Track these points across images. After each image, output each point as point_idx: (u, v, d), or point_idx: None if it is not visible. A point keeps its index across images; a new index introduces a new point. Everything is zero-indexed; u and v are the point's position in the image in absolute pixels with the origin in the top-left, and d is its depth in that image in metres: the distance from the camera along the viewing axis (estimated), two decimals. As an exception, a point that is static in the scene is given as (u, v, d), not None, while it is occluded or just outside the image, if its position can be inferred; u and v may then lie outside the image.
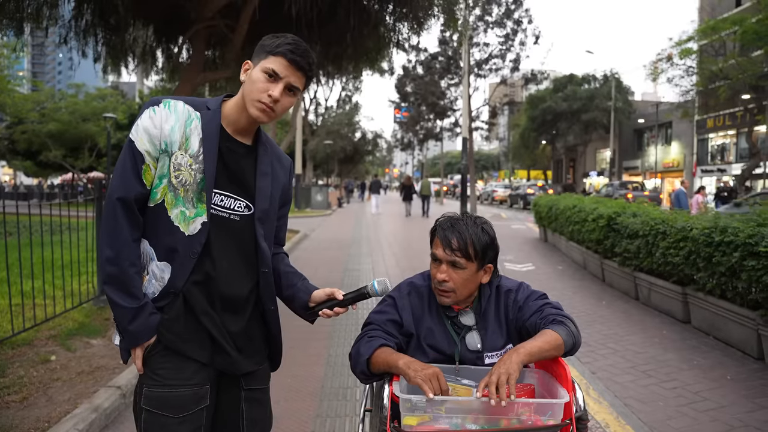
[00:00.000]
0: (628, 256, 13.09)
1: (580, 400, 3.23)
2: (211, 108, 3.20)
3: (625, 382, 7.85)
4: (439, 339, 3.59)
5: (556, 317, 3.48)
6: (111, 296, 3.06)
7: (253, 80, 3.12)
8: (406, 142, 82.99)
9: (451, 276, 3.55)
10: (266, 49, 3.13)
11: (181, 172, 3.08)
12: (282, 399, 7.05)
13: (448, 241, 3.55)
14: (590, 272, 16.31)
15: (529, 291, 3.72)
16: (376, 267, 17.27)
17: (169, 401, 3.10)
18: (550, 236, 23.03)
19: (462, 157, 36.80)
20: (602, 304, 12.67)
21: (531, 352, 3.20)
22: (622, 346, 9.50)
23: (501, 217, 41.94)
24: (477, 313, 3.66)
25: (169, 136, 3.07)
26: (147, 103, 3.17)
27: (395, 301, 3.70)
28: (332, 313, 3.38)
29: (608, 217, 14.49)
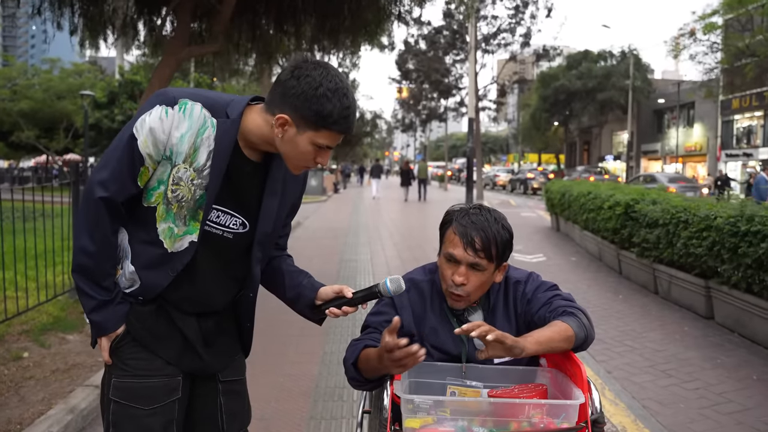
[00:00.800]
0: (646, 246, 13.09)
1: (596, 402, 3.22)
2: (231, 116, 3.04)
3: (644, 383, 7.85)
4: (444, 339, 3.55)
5: (566, 309, 3.46)
6: (79, 284, 3.07)
7: (299, 149, 2.97)
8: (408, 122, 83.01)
9: (469, 279, 3.47)
10: (314, 114, 2.88)
11: (180, 187, 3.01)
12: (273, 399, 7.06)
13: (470, 240, 3.44)
14: (606, 264, 16.33)
15: (538, 282, 3.69)
16: (375, 257, 17.28)
17: (138, 392, 3.10)
18: (563, 225, 23.05)
19: (468, 140, 36.79)
20: (619, 298, 12.67)
21: (539, 340, 3.20)
22: (640, 343, 9.51)
23: (510, 204, 41.98)
24: (485, 309, 3.63)
25: (176, 146, 2.97)
26: (158, 96, 3.04)
27: (393, 300, 3.66)
28: (340, 312, 3.33)
29: (625, 205, 14.49)
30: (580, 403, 3.03)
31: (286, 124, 2.92)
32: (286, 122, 2.92)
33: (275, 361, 8.30)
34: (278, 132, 2.94)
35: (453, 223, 3.53)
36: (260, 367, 7.82)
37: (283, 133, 2.94)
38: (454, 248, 3.47)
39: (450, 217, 3.57)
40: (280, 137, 2.95)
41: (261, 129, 3.02)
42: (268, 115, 2.98)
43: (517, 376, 3.40)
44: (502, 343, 3.04)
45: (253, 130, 3.03)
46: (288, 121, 2.91)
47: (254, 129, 3.03)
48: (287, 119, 2.91)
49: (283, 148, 2.99)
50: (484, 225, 3.46)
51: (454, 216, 3.56)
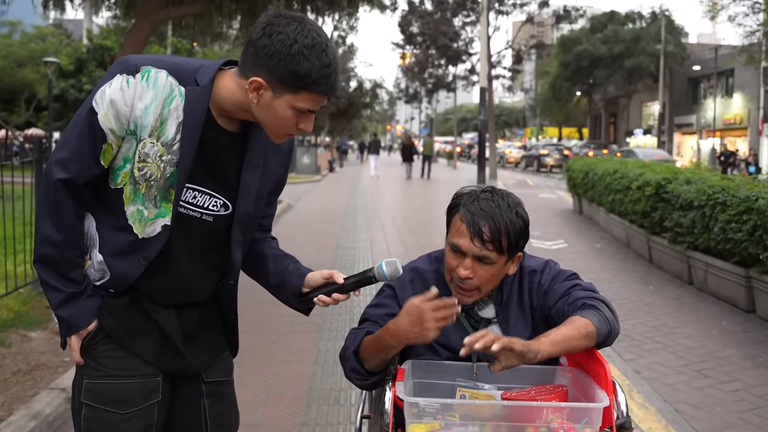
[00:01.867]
0: (680, 231, 13.08)
1: (622, 405, 3.23)
2: (201, 83, 3.01)
3: (677, 384, 7.87)
4: (453, 336, 3.52)
5: (586, 301, 3.44)
6: (43, 276, 3.07)
7: (278, 115, 2.96)
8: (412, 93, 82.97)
9: (476, 272, 3.45)
10: (290, 75, 2.86)
11: (147, 164, 2.99)
12: (261, 404, 7.08)
13: (478, 229, 3.40)
14: (634, 251, 16.35)
15: (555, 271, 3.67)
16: (375, 244, 17.30)
17: (113, 394, 3.10)
18: (586, 207, 23.05)
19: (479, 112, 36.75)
20: (649, 289, 12.69)
21: (555, 341, 3.18)
22: (672, 340, 9.53)
23: (527, 184, 41.97)
24: (497, 303, 3.62)
25: (140, 118, 2.95)
26: (119, 64, 3.01)
27: (395, 292, 3.66)
28: (330, 300, 3.29)
29: (656, 185, 14.47)
30: (605, 406, 3.02)
31: (261, 87, 2.90)
32: (260, 86, 2.90)
33: (263, 361, 8.32)
34: (253, 97, 2.93)
35: (460, 209, 3.49)
36: (247, 367, 7.84)
37: (259, 98, 2.93)
38: (459, 238, 3.45)
39: (458, 201, 3.54)
40: (255, 103, 2.93)
41: (235, 95, 3.00)
42: (241, 79, 2.97)
43: (534, 377, 3.39)
44: (511, 350, 3.03)
45: (226, 97, 3.02)
46: (263, 85, 2.90)
47: (228, 96, 3.02)
48: (261, 82, 2.89)
49: (261, 114, 2.98)
50: (494, 212, 3.42)
51: (463, 200, 3.52)
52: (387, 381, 3.34)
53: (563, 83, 78.29)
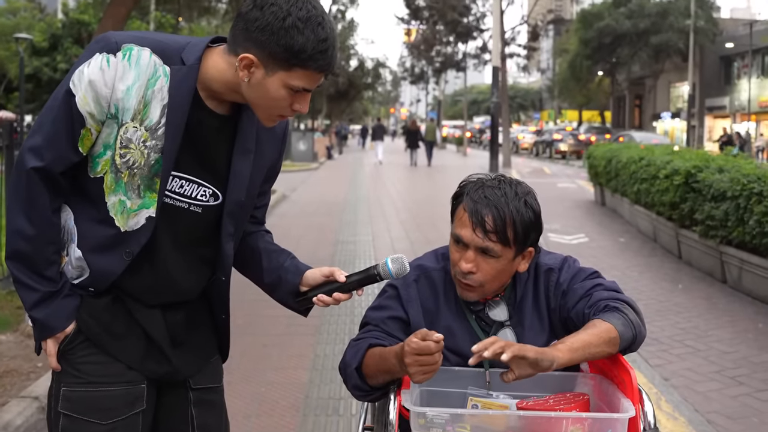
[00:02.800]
0: (712, 224, 13.07)
1: (649, 415, 3.21)
2: (188, 62, 3.00)
3: (709, 392, 7.87)
4: (461, 340, 3.52)
5: (608, 303, 3.41)
6: (16, 274, 3.05)
7: (270, 94, 2.96)
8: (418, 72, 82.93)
9: (479, 266, 3.43)
10: (283, 50, 2.86)
11: (130, 151, 2.97)
12: (253, 413, 7.09)
13: (480, 218, 3.38)
14: (662, 246, 16.35)
15: (575, 269, 3.66)
16: (377, 239, 17.31)
17: (94, 403, 3.08)
18: (609, 198, 23.06)
19: (492, 93, 36.77)
20: (678, 288, 12.69)
21: (573, 347, 3.16)
22: (704, 343, 9.53)
23: (544, 173, 42.01)
24: (510, 304, 3.61)
25: (122, 100, 2.93)
26: (98, 42, 3.00)
27: (398, 292, 3.64)
28: (331, 300, 3.27)
29: (686, 173, 14.45)
30: (630, 416, 3.03)
31: (252, 65, 2.90)
32: (251, 63, 2.89)
33: (255, 367, 8.33)
34: (243, 75, 2.91)
35: (464, 198, 3.48)
36: (237, 373, 7.85)
37: (250, 77, 2.92)
38: (461, 229, 3.44)
39: (463, 190, 3.53)
40: (246, 81, 2.92)
41: (224, 74, 2.99)
42: (230, 56, 2.96)
43: (552, 384, 3.38)
44: (524, 358, 3.01)
45: (215, 77, 3.01)
46: (254, 62, 2.89)
47: (216, 75, 3.00)
48: (252, 59, 2.89)
49: (251, 94, 2.97)
50: (499, 201, 3.40)
51: (467, 189, 3.51)
52: (391, 389, 3.33)
53: (583, 62, 78.19)
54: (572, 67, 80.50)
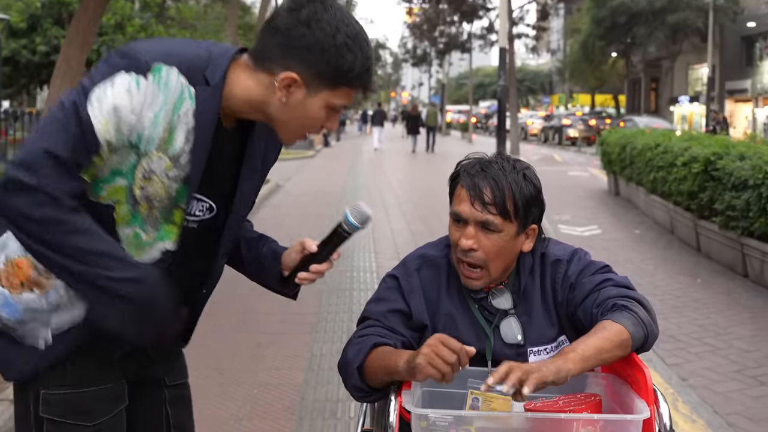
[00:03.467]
0: (732, 215, 13.08)
1: (665, 417, 3.22)
2: (212, 81, 2.89)
3: (729, 392, 7.89)
4: (464, 330, 3.55)
5: (617, 301, 3.41)
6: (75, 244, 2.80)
7: (309, 114, 2.94)
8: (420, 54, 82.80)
9: (481, 243, 3.44)
10: (333, 69, 2.85)
11: (152, 183, 2.90)
12: (245, 417, 7.09)
13: (478, 191, 3.42)
14: (679, 238, 16.37)
15: (585, 262, 3.67)
16: (377, 231, 17.29)
17: (77, 405, 3.06)
18: (623, 187, 23.05)
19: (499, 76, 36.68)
20: (696, 282, 12.71)
21: (585, 356, 3.14)
22: (724, 341, 9.54)
23: (554, 161, 42.02)
24: (515, 291, 3.62)
25: (147, 129, 2.81)
26: (123, 56, 2.82)
27: (399, 282, 3.65)
28: (312, 276, 3.28)
29: (705, 161, 14.45)
30: (644, 418, 3.03)
31: (293, 84, 2.86)
32: (293, 82, 2.86)
33: (248, 367, 8.34)
34: (282, 95, 2.88)
35: (461, 176, 3.53)
36: (229, 374, 7.87)
37: (288, 96, 2.88)
38: (459, 205, 3.48)
39: (459, 170, 3.57)
40: (283, 102, 2.89)
41: (249, 92, 2.94)
42: (261, 73, 2.90)
43: (562, 385, 3.38)
44: (544, 384, 2.99)
45: (237, 95, 2.94)
46: (296, 81, 2.86)
47: (239, 93, 2.94)
48: (296, 78, 2.85)
49: (285, 114, 2.93)
50: (497, 173, 3.45)
51: (464, 167, 3.56)
52: (392, 390, 3.32)
53: (596, 43, 77.99)
54: (584, 48, 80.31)
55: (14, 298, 2.93)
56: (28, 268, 2.93)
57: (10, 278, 2.94)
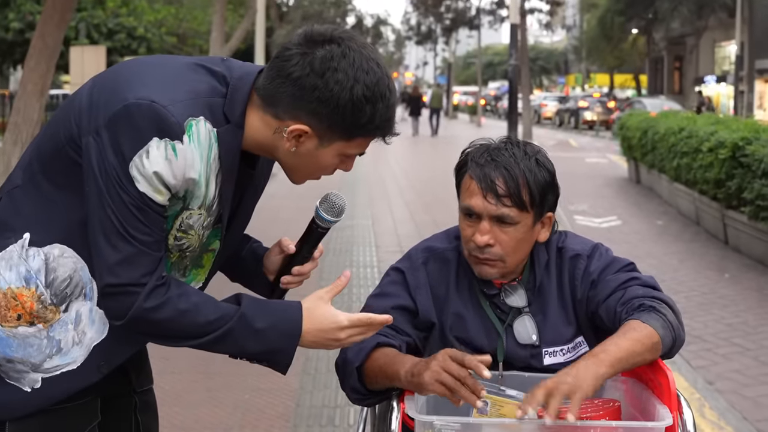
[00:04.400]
0: (763, 204, 13.06)
1: (688, 424, 3.22)
2: (232, 118, 2.86)
3: (759, 397, 7.89)
4: (474, 329, 3.55)
5: (644, 301, 3.38)
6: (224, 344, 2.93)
7: (320, 163, 2.94)
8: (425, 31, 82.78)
9: (498, 238, 3.43)
10: (350, 124, 2.81)
11: (189, 236, 2.94)
12: (236, 425, 7.10)
13: (490, 182, 3.38)
14: (706, 229, 16.37)
15: (608, 259, 3.66)
16: (378, 222, 17.32)
17: (56, 424, 3.02)
18: (645, 175, 23.04)
19: (510, 55, 36.69)
20: (724, 278, 12.69)
21: (617, 358, 3.11)
22: (754, 341, 9.55)
23: (570, 146, 42.02)
24: (529, 288, 3.62)
25: (193, 187, 2.82)
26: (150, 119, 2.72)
27: (405, 277, 3.64)
28: (296, 279, 3.27)
29: (733, 146, 14.42)
30: (667, 425, 3.02)
31: (304, 135, 2.83)
32: (302, 134, 2.83)
33: (239, 371, 8.27)
34: (290, 146, 2.85)
35: (469, 165, 3.49)
36: (219, 379, 7.85)
37: (298, 146, 2.86)
38: (470, 199, 3.45)
39: (466, 158, 3.54)
40: (291, 151, 2.87)
41: (258, 133, 2.91)
42: (268, 116, 2.87)
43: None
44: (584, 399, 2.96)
45: (247, 135, 2.92)
46: (308, 133, 2.82)
47: (250, 133, 2.92)
48: (305, 130, 2.81)
49: (294, 162, 2.93)
50: (508, 161, 3.42)
51: (471, 155, 3.53)
52: (394, 395, 3.32)
53: (615, 18, 77.94)
54: (602, 24, 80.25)
55: (6, 332, 2.88)
56: (31, 300, 2.88)
57: (2, 310, 2.88)
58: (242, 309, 2.88)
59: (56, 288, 2.87)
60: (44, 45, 12.84)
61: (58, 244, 2.87)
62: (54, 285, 2.87)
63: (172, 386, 6.91)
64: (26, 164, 2.95)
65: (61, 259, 2.88)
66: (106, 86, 2.86)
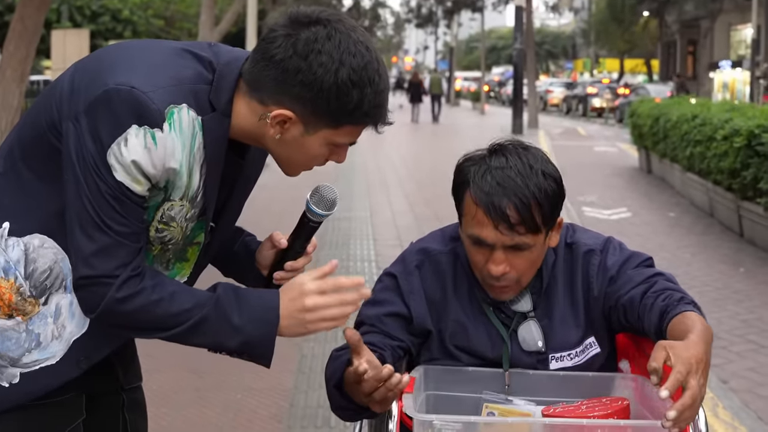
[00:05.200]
0: (780, 195, 13.08)
1: (700, 422, 3.22)
2: (218, 106, 2.85)
3: (775, 397, 7.88)
4: (475, 337, 3.53)
5: (684, 296, 3.32)
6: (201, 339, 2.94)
7: (308, 153, 2.91)
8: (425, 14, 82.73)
9: (513, 263, 3.37)
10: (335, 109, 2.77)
11: (170, 228, 2.93)
12: (227, 425, 7.10)
13: (501, 213, 3.27)
14: (720, 221, 16.38)
15: (626, 253, 3.63)
16: (376, 214, 17.31)
17: (37, 421, 3.03)
18: (656, 165, 23.03)
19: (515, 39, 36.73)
20: (739, 272, 12.71)
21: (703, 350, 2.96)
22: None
23: (578, 135, 41.95)
24: (534, 291, 3.59)
25: (174, 177, 2.81)
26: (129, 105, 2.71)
27: (397, 282, 3.59)
28: (289, 275, 3.20)
29: (748, 134, 14.41)
30: (678, 425, 3.02)
31: (288, 122, 2.80)
32: (287, 120, 2.80)
33: (230, 370, 8.24)
34: (275, 132, 2.82)
35: (471, 187, 3.37)
36: (210, 378, 7.86)
37: (283, 133, 2.83)
38: (480, 228, 3.35)
39: (464, 177, 3.43)
40: (276, 138, 2.84)
41: (244, 120, 2.89)
42: (253, 102, 2.85)
43: (586, 388, 3.38)
44: None
45: (234, 123, 2.91)
46: (291, 119, 2.79)
47: (236, 121, 2.90)
48: (290, 116, 2.79)
49: (281, 150, 2.91)
50: (515, 184, 3.31)
51: (470, 175, 3.40)
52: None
53: (626, 0, 77.98)
54: (612, 7, 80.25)
55: None
56: (9, 292, 2.89)
57: None
58: (217, 294, 2.87)
59: (36, 279, 2.88)
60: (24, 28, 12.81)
61: (39, 234, 2.87)
62: (33, 276, 2.87)
63: (159, 385, 6.91)
64: (7, 152, 2.94)
65: (41, 250, 2.88)
66: (87, 71, 2.85)
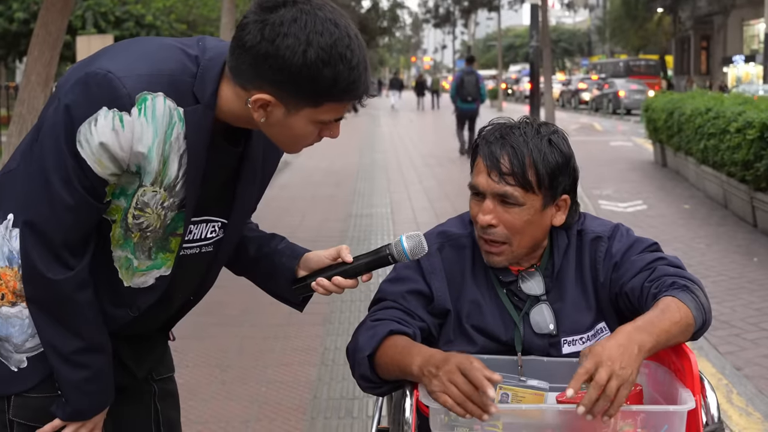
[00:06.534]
0: (793, 186, 13.03)
1: (712, 407, 3.22)
2: (202, 99, 2.87)
3: (790, 383, 7.86)
4: (490, 318, 3.53)
5: (676, 280, 3.35)
6: None
7: (295, 132, 2.89)
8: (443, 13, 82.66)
9: (500, 217, 3.41)
10: (309, 89, 2.77)
11: (145, 214, 2.93)
12: (252, 418, 7.10)
13: (494, 159, 3.37)
14: (734, 212, 16.34)
15: (630, 239, 3.64)
16: (397, 211, 17.28)
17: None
18: (671, 158, 22.97)
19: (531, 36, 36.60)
20: (753, 262, 12.66)
21: (658, 334, 3.06)
22: (784, 326, 9.51)
23: (594, 130, 41.89)
24: (547, 275, 3.60)
25: (143, 161, 2.82)
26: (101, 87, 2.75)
27: (419, 262, 3.58)
28: (331, 287, 3.22)
29: (762, 126, 14.37)
30: (689, 409, 3.01)
31: (269, 105, 2.81)
32: (267, 103, 2.80)
33: (255, 364, 8.35)
34: (259, 116, 2.83)
35: (480, 144, 3.49)
36: (234, 371, 7.91)
37: (267, 116, 2.84)
38: (476, 177, 3.45)
39: (479, 137, 3.54)
40: (262, 121, 2.85)
41: (232, 105, 2.90)
42: (238, 88, 2.86)
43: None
44: None
45: (224, 110, 2.92)
46: (270, 102, 2.80)
47: (226, 108, 2.92)
48: (269, 99, 2.79)
49: (271, 131, 2.91)
50: (517, 140, 3.40)
51: (483, 135, 3.51)
52: (406, 382, 3.31)
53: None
54: (626, 3, 79.98)
55: None
56: (14, 279, 2.93)
57: None
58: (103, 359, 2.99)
59: None
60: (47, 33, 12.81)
61: None
62: None
63: (186, 380, 6.90)
64: (24, 148, 2.98)
65: None
66: (81, 61, 2.92)
